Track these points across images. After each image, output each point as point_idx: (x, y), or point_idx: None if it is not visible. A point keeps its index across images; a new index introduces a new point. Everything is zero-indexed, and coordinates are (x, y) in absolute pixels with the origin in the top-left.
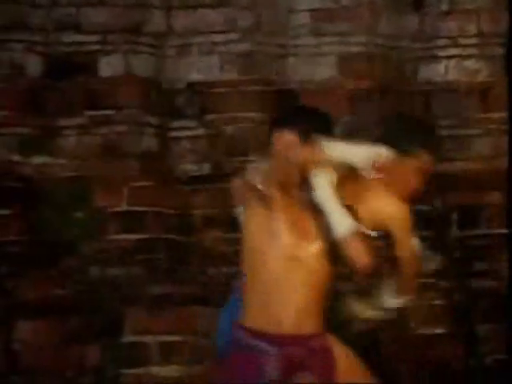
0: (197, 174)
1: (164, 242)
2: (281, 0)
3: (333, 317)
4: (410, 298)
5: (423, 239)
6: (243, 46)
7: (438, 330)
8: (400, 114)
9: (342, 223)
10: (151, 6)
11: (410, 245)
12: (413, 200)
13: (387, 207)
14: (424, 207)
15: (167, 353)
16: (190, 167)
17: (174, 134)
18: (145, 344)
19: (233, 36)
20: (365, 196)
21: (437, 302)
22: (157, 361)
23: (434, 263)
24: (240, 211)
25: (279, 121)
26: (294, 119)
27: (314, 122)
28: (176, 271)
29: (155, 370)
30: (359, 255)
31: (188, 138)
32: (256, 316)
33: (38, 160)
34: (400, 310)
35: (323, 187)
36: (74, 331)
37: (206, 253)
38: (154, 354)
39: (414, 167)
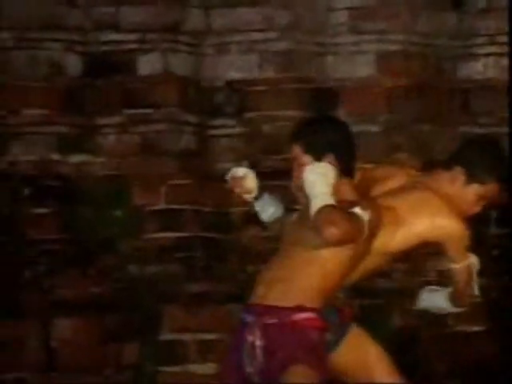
0: None
1: (202, 240)
2: None
3: (370, 315)
4: (462, 308)
5: None
6: (282, 45)
7: (476, 328)
8: (477, 140)
9: (318, 201)
10: (190, 4)
11: (464, 261)
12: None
13: (447, 223)
14: None
15: (204, 351)
16: (228, 165)
17: (212, 132)
18: (182, 342)
19: (271, 34)
20: (423, 208)
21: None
22: (194, 358)
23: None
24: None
25: (293, 133)
26: (301, 132)
27: (322, 135)
28: (214, 269)
29: (192, 367)
30: (325, 224)
31: (226, 136)
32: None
33: (76, 159)
34: None
35: (315, 178)
36: (111, 329)
37: (244, 251)
38: (191, 352)
39: (481, 194)
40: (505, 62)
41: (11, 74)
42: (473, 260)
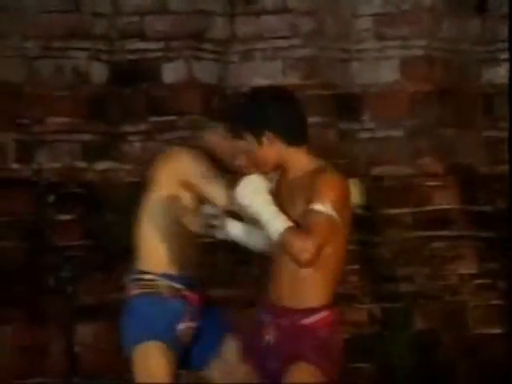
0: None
1: (226, 245)
2: (343, 5)
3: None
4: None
5: (485, 240)
6: (305, 51)
7: (496, 330)
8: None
9: (273, 226)
10: (214, 13)
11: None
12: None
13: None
14: (487, 208)
15: None
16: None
17: None
18: None
19: (295, 41)
20: None
21: (495, 302)
22: None
23: None
24: None
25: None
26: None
27: (239, 117)
28: (238, 274)
29: None
30: (297, 254)
31: None
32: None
33: (101, 166)
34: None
35: (252, 193)
36: None
37: (269, 255)
38: None
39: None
40: None
41: (37, 83)
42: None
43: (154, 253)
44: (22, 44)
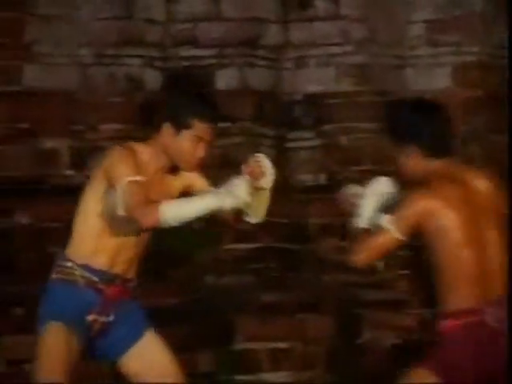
0: (313, 183)
1: (277, 251)
2: (396, 12)
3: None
4: None
5: None
6: (358, 58)
7: None
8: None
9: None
10: (267, 19)
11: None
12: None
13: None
14: None
15: (277, 359)
16: (306, 177)
17: (290, 144)
18: (255, 351)
19: (348, 48)
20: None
21: None
22: (267, 367)
23: None
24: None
25: None
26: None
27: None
28: (287, 279)
29: (265, 376)
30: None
31: (304, 148)
32: None
33: None
34: None
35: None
36: (185, 339)
37: (319, 261)
38: (264, 361)
39: (195, 138)
40: None
41: (90, 90)
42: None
43: (81, 244)
44: (76, 51)
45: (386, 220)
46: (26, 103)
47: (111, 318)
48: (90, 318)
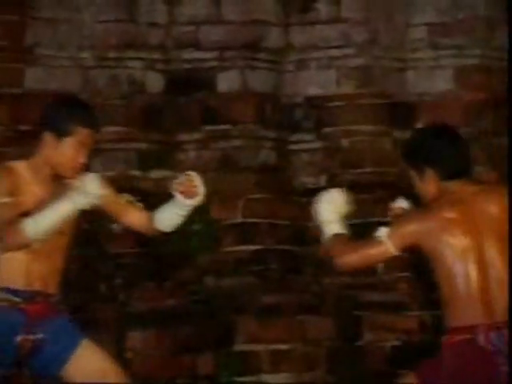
0: (314, 186)
1: (278, 253)
2: (397, 15)
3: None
4: None
5: None
6: (359, 61)
7: None
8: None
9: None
10: (268, 22)
11: None
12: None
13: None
14: None
15: (277, 361)
16: (307, 179)
17: (291, 147)
18: (256, 352)
19: (349, 51)
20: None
21: None
22: (267, 369)
23: None
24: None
25: None
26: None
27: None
28: (288, 281)
29: (266, 377)
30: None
31: (305, 151)
32: None
33: (156, 174)
34: None
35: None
36: (186, 340)
37: (319, 263)
38: (264, 363)
39: (76, 144)
40: None
41: (92, 93)
42: None
43: (1, 267)
44: (78, 54)
45: (382, 232)
46: (28, 105)
47: (40, 336)
48: (19, 338)
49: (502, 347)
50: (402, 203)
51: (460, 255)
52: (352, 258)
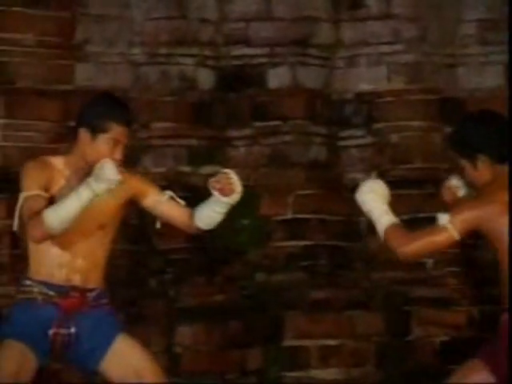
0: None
1: (327, 248)
2: (447, 11)
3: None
4: None
5: None
6: (409, 57)
7: None
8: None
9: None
10: (319, 18)
11: None
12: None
13: None
14: None
15: (326, 356)
16: (357, 175)
17: (341, 143)
18: (305, 348)
19: (399, 47)
20: None
21: None
22: (316, 364)
23: None
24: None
25: None
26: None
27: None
28: (338, 276)
29: (315, 373)
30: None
31: (356, 146)
32: None
33: (206, 170)
34: None
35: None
36: (235, 335)
37: (369, 258)
38: (313, 358)
39: (110, 141)
40: None
41: (143, 89)
42: None
43: (34, 260)
44: (129, 51)
45: (445, 219)
46: (79, 102)
47: (73, 330)
48: (51, 332)
49: None
50: (456, 182)
51: None
52: (415, 246)
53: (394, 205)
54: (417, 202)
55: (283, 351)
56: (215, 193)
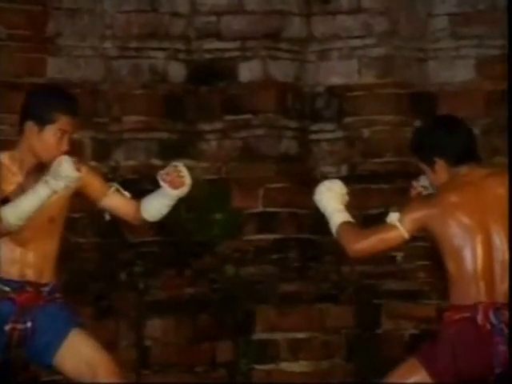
0: (334, 175)
1: (297, 242)
2: (418, 5)
3: None
4: None
5: None
6: (380, 51)
7: None
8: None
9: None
10: (290, 12)
11: None
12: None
13: None
14: None
15: (296, 349)
16: (328, 169)
17: (312, 136)
18: (275, 341)
19: (370, 41)
20: None
21: None
22: (286, 357)
23: None
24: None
25: None
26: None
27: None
28: (308, 270)
29: (284, 365)
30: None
31: (327, 140)
32: None
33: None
34: None
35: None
36: (205, 328)
37: (340, 252)
38: (283, 351)
39: (58, 132)
40: None
41: (114, 82)
42: None
43: None
44: (100, 44)
45: (394, 217)
46: None
47: (29, 325)
48: (8, 327)
49: (500, 326)
50: (424, 181)
51: (465, 237)
52: (365, 244)
53: (365, 199)
54: (388, 195)
55: (253, 344)
56: (164, 185)
